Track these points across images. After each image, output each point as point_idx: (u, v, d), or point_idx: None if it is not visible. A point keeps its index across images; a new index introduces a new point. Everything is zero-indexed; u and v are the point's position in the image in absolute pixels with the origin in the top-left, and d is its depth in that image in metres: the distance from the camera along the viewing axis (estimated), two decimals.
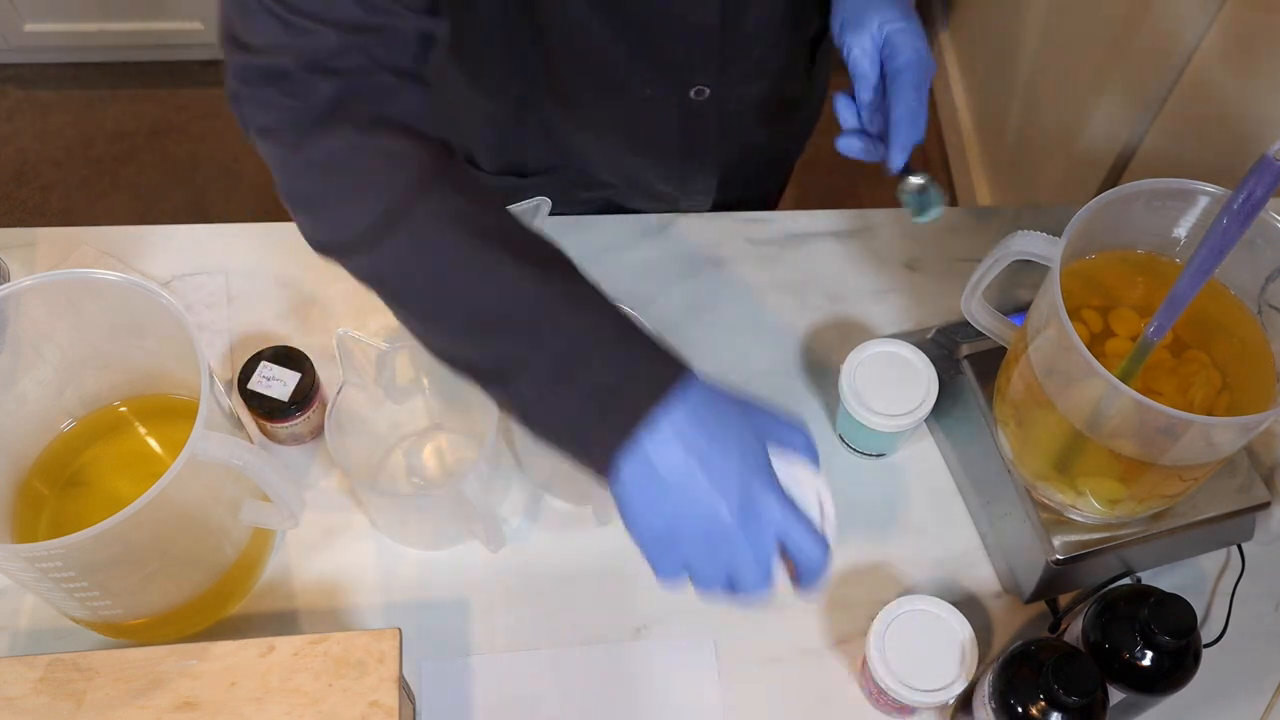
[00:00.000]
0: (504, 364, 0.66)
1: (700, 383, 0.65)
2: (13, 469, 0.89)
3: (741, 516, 0.64)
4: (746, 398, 0.67)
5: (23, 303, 0.81)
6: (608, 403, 0.64)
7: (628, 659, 0.89)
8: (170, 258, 1.06)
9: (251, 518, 0.86)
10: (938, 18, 2.38)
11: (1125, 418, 0.75)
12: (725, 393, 0.66)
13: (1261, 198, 0.67)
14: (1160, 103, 1.49)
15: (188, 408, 0.81)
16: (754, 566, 0.65)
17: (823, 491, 0.70)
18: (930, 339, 0.98)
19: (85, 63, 2.41)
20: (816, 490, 0.70)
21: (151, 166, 2.29)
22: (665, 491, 0.64)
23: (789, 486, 0.67)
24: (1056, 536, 0.86)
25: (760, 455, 0.66)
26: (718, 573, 0.65)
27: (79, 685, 0.77)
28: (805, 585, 0.68)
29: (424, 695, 0.87)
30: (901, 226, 1.11)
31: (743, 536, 0.64)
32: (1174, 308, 0.73)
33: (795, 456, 0.69)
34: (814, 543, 0.66)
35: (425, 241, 0.67)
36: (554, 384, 0.65)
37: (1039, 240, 0.78)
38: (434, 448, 0.97)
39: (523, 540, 0.94)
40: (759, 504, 0.64)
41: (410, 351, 0.87)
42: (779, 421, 0.68)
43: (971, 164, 2.18)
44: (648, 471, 0.63)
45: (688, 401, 0.64)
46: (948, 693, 0.82)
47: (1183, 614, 0.76)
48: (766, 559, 0.65)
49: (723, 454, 0.64)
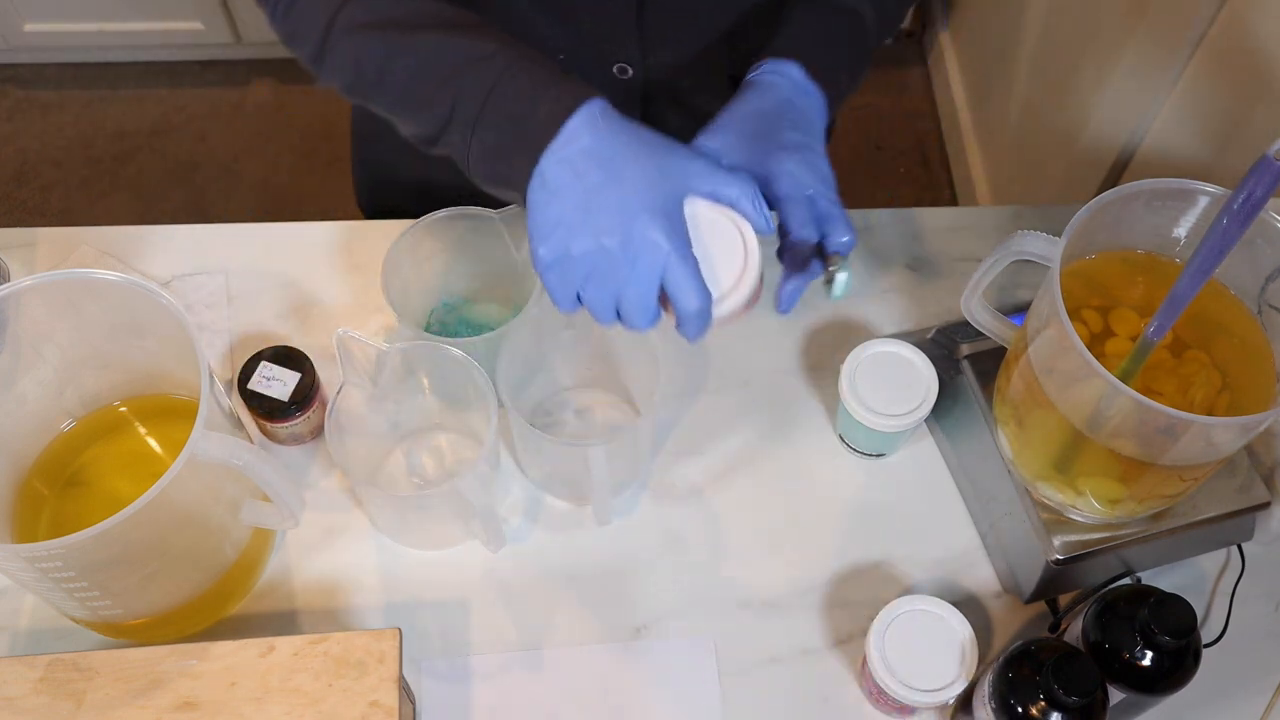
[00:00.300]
0: (439, 123, 0.73)
1: (610, 117, 0.70)
2: (13, 469, 0.89)
3: (623, 247, 0.68)
4: (672, 142, 0.71)
5: (23, 303, 0.81)
6: (519, 133, 0.70)
7: (628, 659, 0.89)
8: (170, 258, 1.06)
9: (251, 518, 0.86)
10: (938, 18, 2.38)
11: (1125, 418, 0.75)
12: (640, 135, 0.70)
13: (1261, 198, 0.67)
14: (1164, 97, 1.49)
15: (188, 408, 0.81)
16: (635, 298, 0.69)
17: (749, 241, 0.72)
18: (930, 339, 0.98)
19: (85, 63, 2.41)
20: (743, 241, 0.72)
21: (151, 166, 2.29)
22: (559, 216, 0.69)
23: (706, 232, 0.71)
24: (1056, 536, 0.86)
25: (657, 191, 0.69)
26: (607, 302, 0.70)
27: (79, 685, 0.77)
28: (681, 330, 0.71)
29: (424, 695, 0.87)
30: (901, 226, 1.11)
31: (626, 267, 0.68)
32: (1174, 308, 0.73)
33: (732, 208, 0.72)
34: (691, 289, 0.69)
35: (358, 41, 0.76)
36: (477, 127, 0.71)
37: (1039, 240, 0.78)
38: (434, 448, 0.97)
39: (523, 540, 0.94)
40: (640, 237, 0.68)
41: (410, 351, 0.87)
42: (709, 171, 0.71)
43: (971, 164, 2.18)
44: (544, 197, 0.69)
45: (592, 132, 0.69)
46: (948, 693, 0.82)
47: (1183, 614, 0.76)
48: (646, 292, 0.69)
49: (614, 184, 0.68)
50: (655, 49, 0.94)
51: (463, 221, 0.93)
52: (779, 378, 1.02)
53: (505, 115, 0.71)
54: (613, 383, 0.99)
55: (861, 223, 1.11)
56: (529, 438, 0.89)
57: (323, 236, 1.08)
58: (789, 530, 0.95)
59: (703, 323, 0.71)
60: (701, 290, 0.69)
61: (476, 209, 0.92)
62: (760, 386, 1.02)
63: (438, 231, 0.94)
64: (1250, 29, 1.30)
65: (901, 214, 1.12)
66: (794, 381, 1.02)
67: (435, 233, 0.94)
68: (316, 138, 2.33)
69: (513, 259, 0.94)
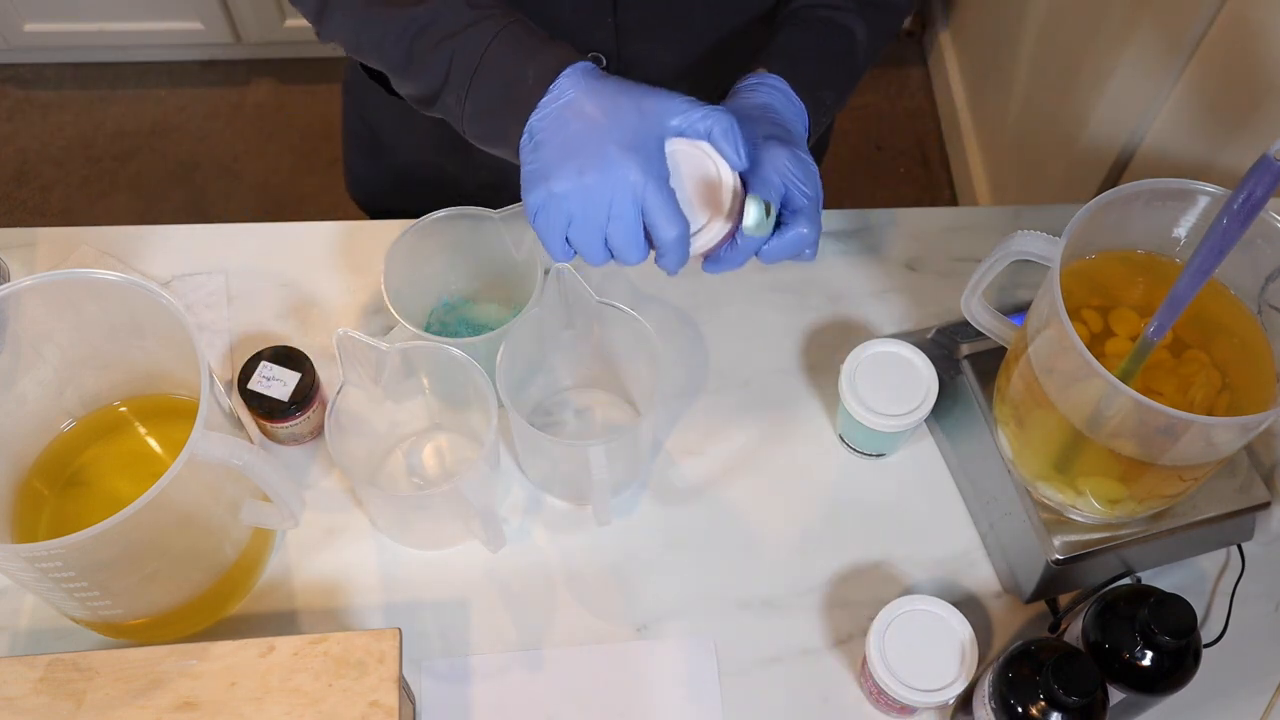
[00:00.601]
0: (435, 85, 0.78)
1: (594, 75, 0.74)
2: (13, 469, 0.89)
3: (602, 183, 0.71)
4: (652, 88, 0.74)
5: (23, 303, 0.81)
6: (510, 95, 0.75)
7: (628, 659, 0.89)
8: (170, 258, 1.06)
9: (251, 518, 0.86)
10: (938, 18, 2.38)
11: (1125, 418, 0.75)
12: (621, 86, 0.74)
13: (1261, 198, 0.67)
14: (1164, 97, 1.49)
15: (188, 408, 0.81)
16: (620, 232, 0.72)
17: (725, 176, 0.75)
18: (930, 339, 0.98)
19: (85, 63, 2.41)
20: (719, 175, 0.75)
21: (151, 166, 2.29)
22: (543, 164, 0.73)
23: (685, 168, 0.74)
24: (1056, 536, 0.86)
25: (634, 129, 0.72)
26: (595, 239, 0.73)
27: (79, 685, 0.77)
28: (661, 262, 0.74)
29: (424, 695, 0.87)
30: (901, 226, 1.11)
31: (606, 203, 0.72)
32: (1174, 308, 0.73)
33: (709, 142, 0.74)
34: (668, 218, 0.72)
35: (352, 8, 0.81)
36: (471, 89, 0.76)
37: (1039, 240, 0.78)
38: (434, 448, 0.97)
39: (523, 540, 0.94)
40: (618, 172, 0.71)
41: (410, 351, 0.87)
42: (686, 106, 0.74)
43: (971, 164, 2.18)
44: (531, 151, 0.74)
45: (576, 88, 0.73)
46: (948, 693, 0.82)
47: (1183, 614, 0.76)
48: (631, 224, 0.72)
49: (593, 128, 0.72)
50: (631, 40, 0.94)
51: (463, 221, 0.93)
52: (779, 378, 1.02)
53: (498, 78, 0.75)
54: (613, 383, 0.99)
55: (861, 223, 1.11)
56: (529, 438, 0.89)
57: (322, 236, 1.08)
58: (789, 530, 0.95)
59: (680, 252, 0.74)
60: (678, 218, 0.72)
61: (476, 209, 0.92)
62: (760, 386, 1.02)
63: (438, 231, 0.94)
64: (1250, 29, 1.30)
65: (901, 214, 1.12)
66: (794, 381, 1.02)
67: (435, 233, 0.94)
68: (316, 138, 2.33)
69: (513, 259, 0.94)
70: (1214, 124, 1.39)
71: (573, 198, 0.72)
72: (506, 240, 0.93)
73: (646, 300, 1.05)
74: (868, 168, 2.32)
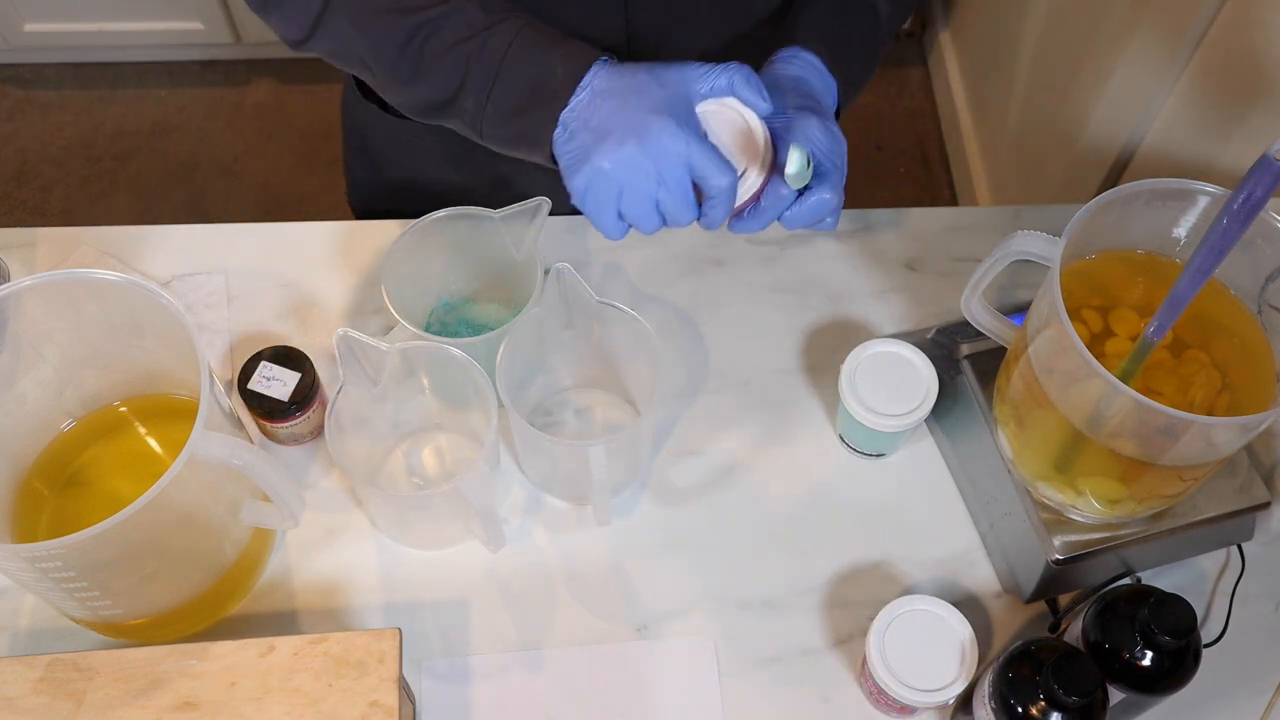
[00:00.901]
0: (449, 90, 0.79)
1: (617, 65, 0.76)
2: (13, 469, 0.89)
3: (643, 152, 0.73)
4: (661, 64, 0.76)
5: (23, 303, 0.81)
6: (538, 93, 0.76)
7: (628, 659, 0.89)
8: (170, 258, 1.06)
9: (251, 518, 0.86)
10: (938, 18, 2.38)
11: (1125, 418, 0.75)
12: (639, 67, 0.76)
13: (1261, 198, 0.67)
14: (1164, 97, 1.49)
15: (188, 408, 0.81)
16: (671, 194, 0.74)
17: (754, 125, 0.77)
18: (930, 339, 0.98)
19: (85, 63, 2.41)
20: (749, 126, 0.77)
21: (151, 166, 2.29)
22: (582, 148, 0.74)
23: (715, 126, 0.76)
24: (1056, 536, 0.86)
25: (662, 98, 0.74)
26: (647, 208, 0.75)
27: (79, 685, 0.77)
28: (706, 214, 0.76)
29: (424, 695, 0.87)
30: (901, 226, 1.11)
31: (653, 169, 0.73)
32: (1174, 308, 0.73)
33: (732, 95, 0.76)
34: (717, 168, 0.73)
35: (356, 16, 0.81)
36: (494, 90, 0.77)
37: (1039, 240, 0.78)
38: (434, 448, 0.97)
39: (523, 540, 0.94)
40: (657, 138, 0.73)
41: (410, 351, 0.87)
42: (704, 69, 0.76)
43: (971, 164, 2.18)
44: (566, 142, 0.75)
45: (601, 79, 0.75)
46: (948, 693, 0.82)
47: (1183, 614, 0.76)
48: (680, 182, 0.74)
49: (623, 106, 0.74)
50: (641, 42, 0.94)
51: (463, 221, 0.93)
52: (779, 378, 1.02)
53: (522, 78, 0.77)
54: (613, 383, 0.99)
55: (861, 223, 1.11)
56: (529, 438, 0.89)
57: (322, 236, 1.08)
58: (789, 530, 0.95)
59: (730, 201, 0.75)
60: (726, 166, 0.74)
61: (476, 209, 0.92)
62: (760, 386, 1.02)
63: (438, 231, 0.94)
64: (1250, 29, 1.30)
65: (901, 214, 1.12)
66: (794, 381, 1.02)
67: (435, 233, 0.94)
68: (316, 138, 2.33)
69: (513, 259, 0.94)
70: (1214, 124, 1.39)
71: (619, 169, 0.73)
72: (506, 240, 0.93)
73: (646, 300, 1.05)
74: (868, 168, 2.32)
